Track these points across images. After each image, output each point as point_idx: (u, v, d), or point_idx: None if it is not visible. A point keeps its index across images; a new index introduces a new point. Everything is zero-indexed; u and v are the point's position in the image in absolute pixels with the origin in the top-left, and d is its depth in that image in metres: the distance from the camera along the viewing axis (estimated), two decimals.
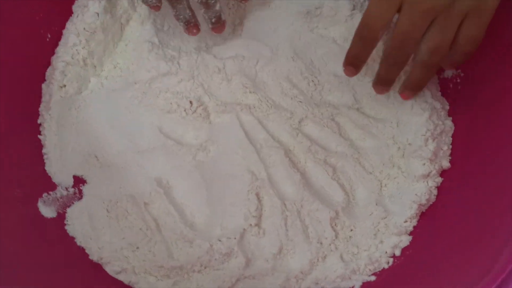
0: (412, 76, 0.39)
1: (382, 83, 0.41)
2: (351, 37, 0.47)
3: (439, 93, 0.43)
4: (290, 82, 0.45)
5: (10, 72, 0.42)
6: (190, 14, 0.42)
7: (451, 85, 0.43)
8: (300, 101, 0.44)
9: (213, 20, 0.43)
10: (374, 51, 0.38)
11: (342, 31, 0.47)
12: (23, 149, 0.41)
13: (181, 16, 0.42)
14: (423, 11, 0.34)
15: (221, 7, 0.43)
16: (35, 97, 0.44)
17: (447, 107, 0.43)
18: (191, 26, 0.43)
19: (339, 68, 0.46)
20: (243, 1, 0.45)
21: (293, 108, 0.45)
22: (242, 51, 0.47)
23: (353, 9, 0.46)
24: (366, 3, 0.47)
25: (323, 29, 0.48)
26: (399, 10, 0.35)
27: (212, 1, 0.41)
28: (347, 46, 0.47)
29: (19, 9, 0.42)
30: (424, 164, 0.40)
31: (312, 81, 0.45)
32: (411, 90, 0.41)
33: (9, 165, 0.39)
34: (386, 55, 0.38)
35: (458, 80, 0.42)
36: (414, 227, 0.39)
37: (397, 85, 0.43)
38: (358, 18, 0.47)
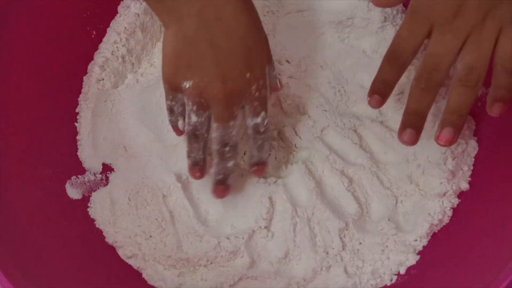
0: (451, 102, 0.33)
1: (412, 122, 0.34)
2: (380, 49, 0.47)
3: None
4: (318, 91, 0.45)
5: (57, 64, 0.46)
6: (201, 157, 0.39)
7: (479, 104, 0.41)
8: (325, 110, 0.44)
9: (217, 178, 0.39)
10: None
11: (373, 42, 0.47)
12: (59, 133, 0.44)
13: (192, 155, 0.39)
14: (453, 30, 0.33)
15: (234, 169, 0.39)
16: (77, 88, 0.47)
17: (473, 127, 0.41)
18: (197, 168, 0.39)
19: (367, 80, 0.46)
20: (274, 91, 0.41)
21: (317, 117, 0.45)
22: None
23: (384, 21, 0.46)
24: (399, 15, 0.46)
25: (354, 40, 0.48)
26: (429, 35, 0.34)
27: (229, 155, 0.38)
28: (376, 57, 0.47)
29: (68, 7, 0.46)
30: (441, 183, 0.39)
31: (339, 91, 0.45)
32: (451, 124, 0.33)
33: (44, 146, 0.42)
34: (417, 78, 0.34)
35: None
36: (423, 246, 0.38)
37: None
38: (389, 30, 0.46)
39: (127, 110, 0.48)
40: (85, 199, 0.43)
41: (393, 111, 0.45)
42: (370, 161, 0.43)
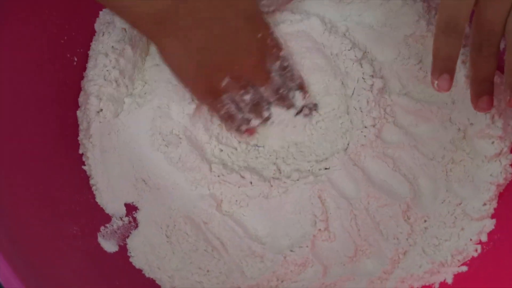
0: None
1: (485, 90, 0.34)
2: (389, 22, 0.46)
3: None
4: (340, 74, 0.43)
5: (43, 104, 0.39)
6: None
7: (504, 57, 0.41)
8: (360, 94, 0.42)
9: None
10: None
11: (378, 16, 0.45)
12: (70, 184, 0.38)
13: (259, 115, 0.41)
14: None
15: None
16: (72, 126, 0.41)
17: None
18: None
19: (380, 54, 0.44)
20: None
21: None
22: None
23: None
24: None
25: (356, 16, 0.46)
26: None
27: (286, 91, 0.40)
28: (386, 30, 0.45)
29: (43, 35, 0.39)
30: (493, 142, 0.38)
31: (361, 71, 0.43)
32: None
33: (60, 203, 0.36)
34: (478, 48, 0.33)
35: None
36: (495, 209, 0.37)
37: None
38: (394, 0, 0.45)
39: (136, 139, 0.42)
40: (123, 249, 0.37)
41: (415, 81, 0.43)
42: (406, 136, 0.42)
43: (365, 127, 0.41)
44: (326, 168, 0.41)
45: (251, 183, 0.41)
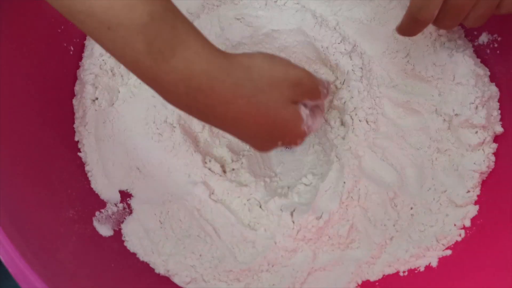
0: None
1: (413, 32, 0.37)
2: (378, 16, 0.47)
3: (478, 60, 0.43)
4: (331, 67, 0.44)
5: (39, 92, 0.40)
6: None
7: (488, 51, 0.43)
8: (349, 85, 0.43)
9: None
10: None
11: (368, 11, 0.46)
12: (66, 170, 0.39)
13: None
14: None
15: None
16: (68, 114, 0.42)
17: (488, 73, 0.42)
18: None
19: (368, 48, 0.46)
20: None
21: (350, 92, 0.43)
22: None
23: None
24: None
25: (347, 11, 0.47)
26: None
27: None
28: (374, 25, 0.47)
29: (40, 24, 0.40)
30: (476, 132, 0.40)
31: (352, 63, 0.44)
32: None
33: (56, 187, 0.37)
34: (439, 20, 0.35)
35: (496, 45, 0.42)
36: (478, 196, 0.38)
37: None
38: None
39: (130, 128, 0.43)
40: (117, 234, 0.38)
41: (403, 74, 0.45)
42: (395, 127, 0.43)
43: (359, 120, 0.42)
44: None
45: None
